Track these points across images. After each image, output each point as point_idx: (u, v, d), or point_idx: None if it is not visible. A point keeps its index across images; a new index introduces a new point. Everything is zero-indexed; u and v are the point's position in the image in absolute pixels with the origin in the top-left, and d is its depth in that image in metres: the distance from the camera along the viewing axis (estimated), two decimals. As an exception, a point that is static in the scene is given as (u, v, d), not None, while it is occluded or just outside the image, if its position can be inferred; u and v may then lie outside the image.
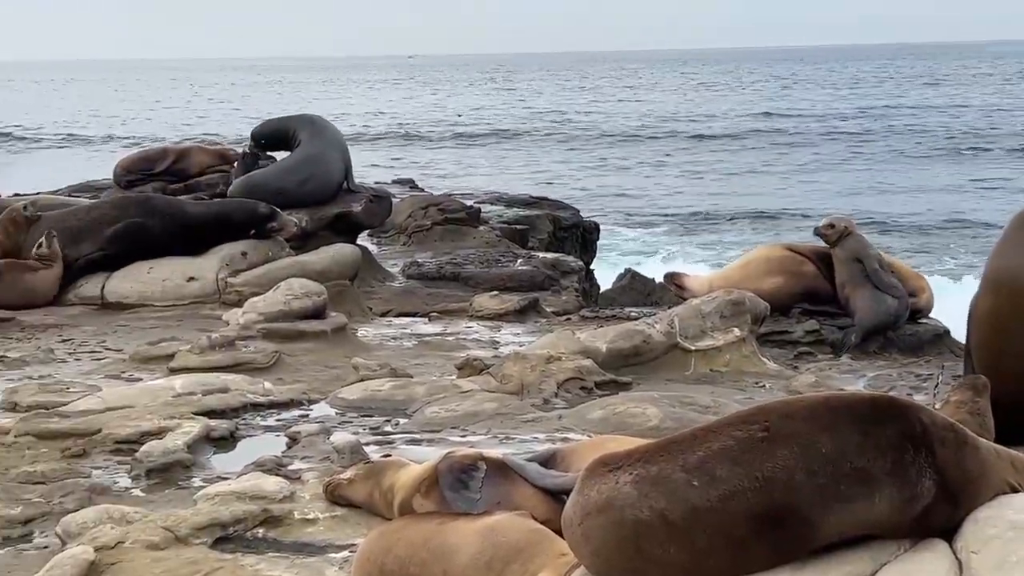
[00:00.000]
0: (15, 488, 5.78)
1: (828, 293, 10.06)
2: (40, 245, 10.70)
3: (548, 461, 4.83)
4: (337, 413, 7.17)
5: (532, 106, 75.44)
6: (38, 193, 15.42)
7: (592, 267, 16.12)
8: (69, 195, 14.94)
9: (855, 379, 8.51)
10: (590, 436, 5.99)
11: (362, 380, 7.66)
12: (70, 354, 8.95)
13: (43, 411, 6.95)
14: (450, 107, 75.94)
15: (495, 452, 5.00)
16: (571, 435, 6.31)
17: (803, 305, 10.07)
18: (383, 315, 10.89)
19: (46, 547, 5.09)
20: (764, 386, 7.84)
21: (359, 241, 12.77)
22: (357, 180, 13.33)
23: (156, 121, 66.37)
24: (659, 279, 14.40)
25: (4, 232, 10.98)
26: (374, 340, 9.54)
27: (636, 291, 14.65)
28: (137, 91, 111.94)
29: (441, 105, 79.15)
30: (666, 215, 31.37)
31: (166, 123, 63.85)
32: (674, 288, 10.54)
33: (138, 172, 14.78)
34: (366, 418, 7.01)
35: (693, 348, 8.13)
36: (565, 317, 10.73)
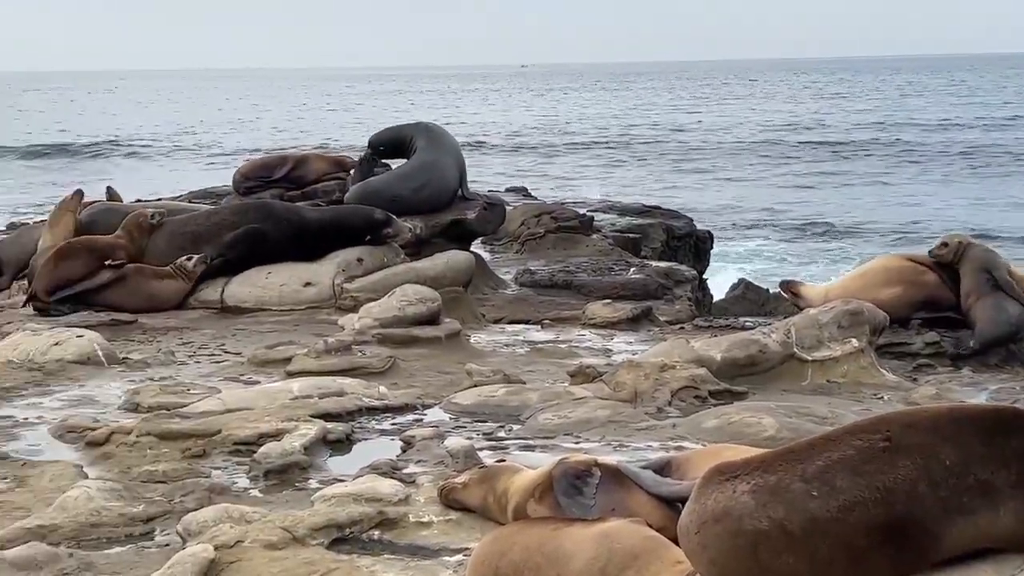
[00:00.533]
0: (137, 487, 5.90)
1: (950, 302, 9.83)
2: (190, 259, 10.94)
3: (663, 469, 4.81)
4: (451, 418, 7.21)
5: (646, 115, 75.22)
6: (159, 199, 15.76)
7: (705, 276, 16.01)
8: (189, 201, 15.21)
9: (977, 392, 8.34)
10: (704, 445, 5.94)
11: (475, 386, 7.69)
12: (190, 356, 9.12)
13: (164, 412, 7.09)
14: (563, 116, 76.01)
15: (609, 459, 4.99)
16: (685, 444, 6.27)
17: (922, 315, 9.86)
18: (496, 322, 10.92)
19: (167, 545, 5.19)
20: (882, 398, 7.71)
21: (473, 248, 12.83)
22: (471, 188, 13.40)
23: (268, 129, 67.45)
24: (773, 289, 14.29)
25: (129, 236, 11.24)
26: (487, 346, 9.58)
27: (750, 301, 14.54)
28: (252, 99, 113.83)
29: (554, 114, 79.27)
30: (780, 225, 31.03)
31: (282, 131, 64.83)
32: (790, 296, 10.42)
33: (257, 179, 15.03)
34: (480, 423, 7.04)
35: (810, 359, 8.03)
36: (678, 326, 10.67)
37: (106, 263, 10.96)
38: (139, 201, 14.94)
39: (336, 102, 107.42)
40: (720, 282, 16.61)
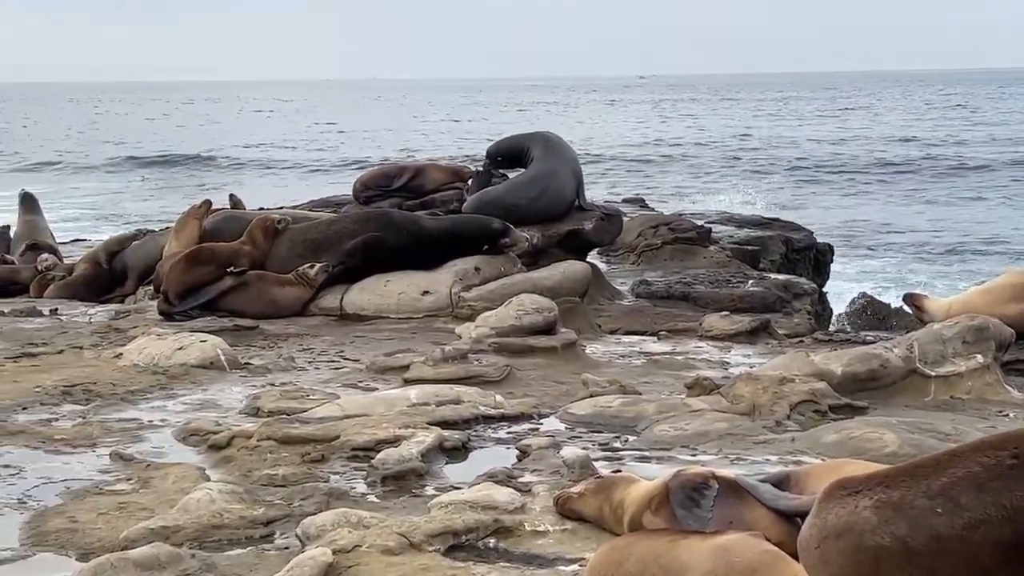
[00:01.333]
0: (258, 490, 5.99)
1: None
2: (312, 267, 11.12)
3: (781, 483, 4.76)
4: (567, 428, 7.20)
5: (765, 126, 74.51)
6: (281, 207, 16.00)
7: (825, 290, 15.80)
8: (311, 210, 15.43)
9: (1107, 411, 8.10)
10: (824, 460, 5.87)
11: (591, 396, 7.67)
12: (310, 363, 9.24)
13: (284, 417, 7.19)
14: (678, 128, 75.60)
15: (727, 472, 4.95)
16: (804, 458, 6.19)
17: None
18: (612, 332, 10.89)
19: (286, 548, 5.25)
20: (1008, 415, 7.53)
21: (589, 259, 12.82)
22: (588, 198, 13.40)
23: (384, 139, 68.17)
24: (895, 304, 14.07)
25: (253, 241, 11.44)
26: (603, 357, 9.56)
27: (870, 315, 14.33)
28: (364, 110, 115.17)
29: (672, 125, 78.91)
30: (901, 241, 30.52)
31: (401, 140, 65.48)
32: (913, 309, 10.25)
33: (376, 188, 15.19)
34: (595, 434, 7.02)
35: (933, 374, 7.87)
36: (797, 339, 10.54)
37: (228, 270, 11.17)
38: (262, 209, 15.19)
39: (452, 113, 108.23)
40: (840, 296, 16.38)
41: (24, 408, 7.78)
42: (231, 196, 15.64)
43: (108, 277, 13.87)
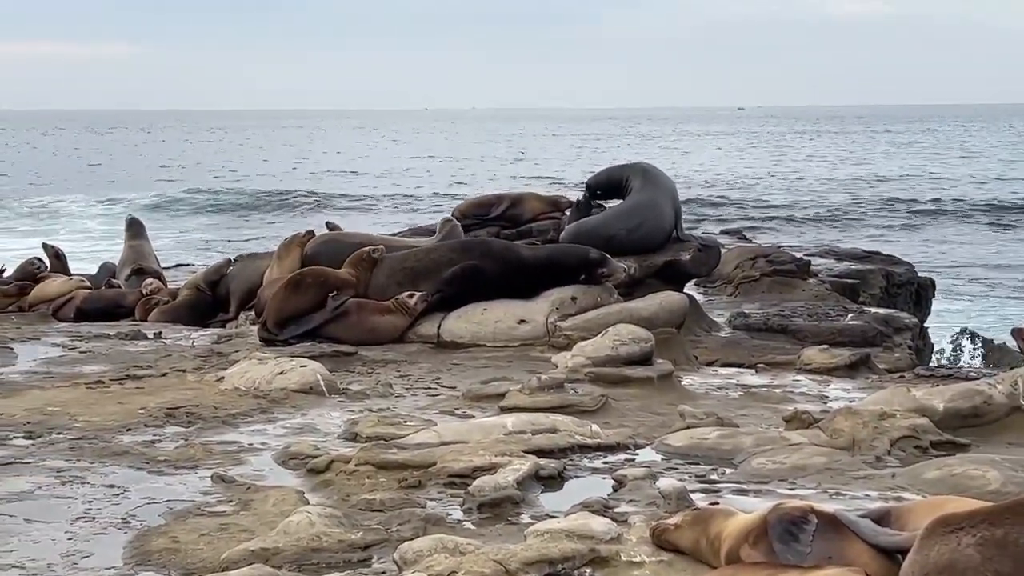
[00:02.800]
0: (356, 514, 6.05)
1: None
2: (412, 295, 11.22)
3: (881, 519, 4.71)
4: (663, 459, 7.17)
5: (868, 162, 73.56)
6: (380, 234, 16.17)
7: (926, 325, 15.58)
8: (410, 237, 15.57)
9: None
10: (925, 496, 5.78)
11: (688, 427, 7.64)
12: (407, 389, 9.31)
13: (382, 442, 7.26)
14: (781, 161, 74.95)
15: (826, 506, 4.90)
16: (904, 494, 6.10)
17: None
18: (709, 364, 10.83)
19: (383, 572, 5.29)
20: (1115, 456, 7.36)
21: (686, 290, 12.77)
22: (686, 229, 13.37)
23: (482, 168, 68.54)
24: (997, 340, 13.84)
25: (356, 269, 11.56)
26: (700, 389, 9.52)
27: (972, 351, 14.09)
28: (466, 139, 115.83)
29: (774, 158, 78.29)
30: (1003, 277, 29.97)
31: (496, 169, 65.80)
32: (1020, 343, 10.06)
33: (474, 217, 15.32)
34: (692, 465, 6.99)
35: (1038, 411, 7.72)
36: (898, 374, 10.39)
37: (331, 295, 11.29)
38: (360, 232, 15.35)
39: (548, 143, 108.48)
40: (941, 331, 16.16)
41: (128, 429, 7.94)
42: (327, 223, 15.85)
43: (210, 302, 14.12)
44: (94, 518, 6.11)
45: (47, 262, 15.80)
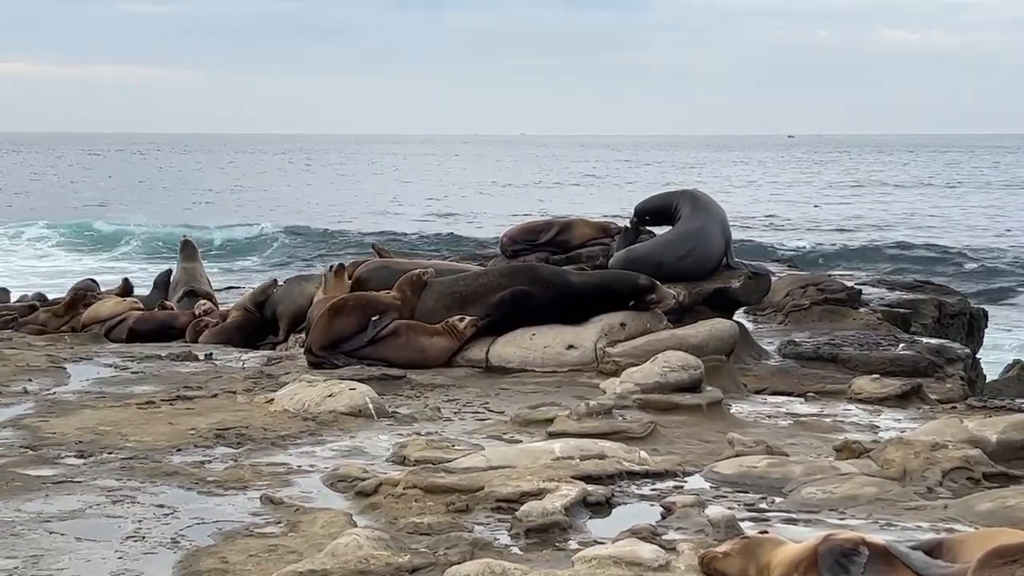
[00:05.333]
0: (403, 537, 6.05)
1: None
2: (462, 320, 11.25)
3: (933, 550, 4.67)
4: (712, 487, 7.13)
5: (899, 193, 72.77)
6: (430, 259, 16.22)
7: (979, 356, 15.43)
8: (459, 262, 15.61)
9: None
10: (977, 528, 5.72)
11: (737, 456, 7.59)
12: (455, 413, 9.32)
13: (430, 466, 7.26)
14: (823, 193, 74.46)
15: (877, 537, 4.86)
16: (956, 526, 6.04)
17: None
18: (758, 392, 10.77)
19: (430, 596, 5.30)
20: None
21: (736, 317, 12.72)
22: (736, 257, 13.32)
23: (531, 195, 68.59)
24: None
25: (403, 295, 11.61)
26: (749, 417, 9.46)
27: (1024, 383, 13.94)
28: (514, 165, 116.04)
29: (818, 187, 77.85)
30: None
31: (552, 198, 65.86)
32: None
33: (523, 242, 15.33)
34: (741, 494, 6.95)
35: (1092, 444, 7.62)
36: (950, 405, 10.29)
37: (373, 319, 11.31)
38: (407, 255, 15.42)
39: (597, 169, 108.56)
40: (994, 362, 16.00)
41: (179, 450, 7.99)
42: (373, 245, 15.92)
43: (260, 323, 14.21)
44: (144, 537, 6.15)
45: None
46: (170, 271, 17.11)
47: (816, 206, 61.48)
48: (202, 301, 15.19)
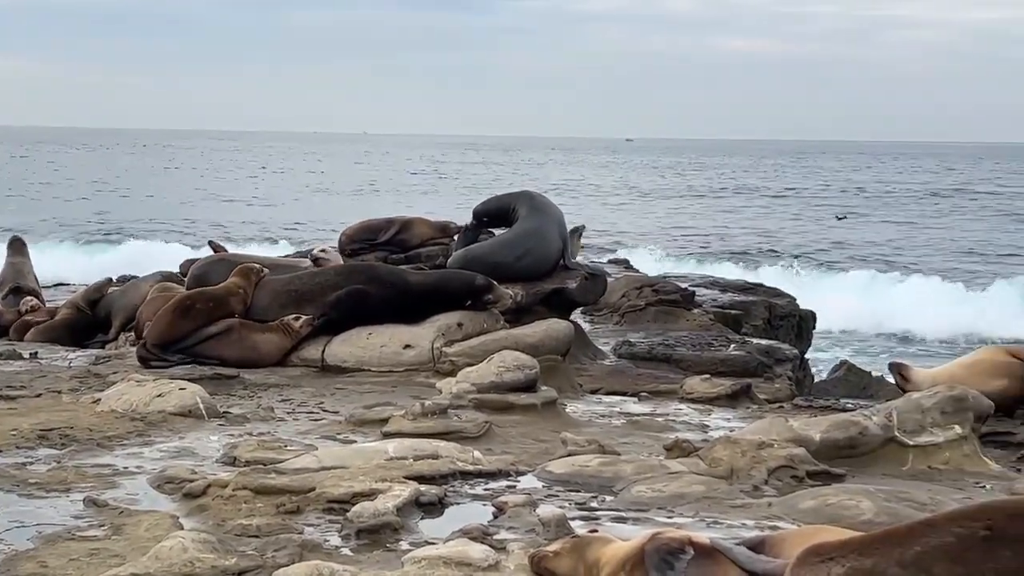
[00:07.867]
0: (231, 540, 5.95)
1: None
2: (298, 318, 11.08)
3: (757, 547, 4.75)
4: (544, 486, 7.17)
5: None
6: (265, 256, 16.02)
7: (807, 356, 15.83)
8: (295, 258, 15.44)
9: (1083, 485, 8.09)
10: (800, 526, 5.85)
11: (570, 455, 7.65)
12: (289, 413, 9.21)
13: (261, 467, 7.16)
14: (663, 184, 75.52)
15: (703, 536, 4.93)
16: (780, 523, 6.17)
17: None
18: (593, 392, 10.89)
19: (258, 599, 5.22)
20: (985, 487, 7.53)
21: (572, 317, 12.82)
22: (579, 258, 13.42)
23: (373, 193, 68.20)
24: (876, 372, 14.08)
25: (245, 279, 11.34)
26: (583, 416, 9.55)
27: (851, 383, 14.32)
28: (357, 164, 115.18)
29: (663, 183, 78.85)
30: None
31: (388, 195, 65.58)
32: (897, 378, 10.28)
33: (362, 241, 15.26)
34: (572, 492, 7.00)
35: (911, 443, 7.87)
36: (777, 405, 10.55)
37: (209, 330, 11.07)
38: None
39: (440, 169, 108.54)
40: (821, 362, 16.43)
41: (-1, 451, 7.74)
42: (210, 242, 15.66)
43: (90, 322, 13.86)
44: (-41, 541, 5.94)
45: None
46: None
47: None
48: (27, 298, 14.74)
